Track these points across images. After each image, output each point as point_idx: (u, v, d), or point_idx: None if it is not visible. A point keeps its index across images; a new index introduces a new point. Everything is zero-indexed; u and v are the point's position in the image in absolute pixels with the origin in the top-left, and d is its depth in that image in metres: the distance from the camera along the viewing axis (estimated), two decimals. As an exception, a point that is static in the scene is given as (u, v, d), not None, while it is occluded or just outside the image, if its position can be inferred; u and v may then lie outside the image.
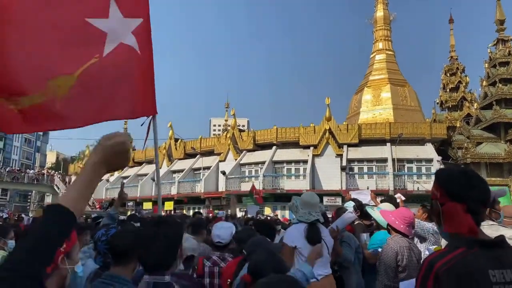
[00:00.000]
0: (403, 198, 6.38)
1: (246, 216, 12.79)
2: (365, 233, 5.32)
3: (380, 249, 4.28)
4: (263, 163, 32.38)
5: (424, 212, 5.36)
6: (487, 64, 35.02)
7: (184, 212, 25.36)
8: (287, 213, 25.66)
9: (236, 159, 34.26)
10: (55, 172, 50.92)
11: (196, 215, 8.64)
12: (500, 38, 35.19)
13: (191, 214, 16.87)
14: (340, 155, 30.35)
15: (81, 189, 1.15)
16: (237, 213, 5.19)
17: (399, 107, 38.17)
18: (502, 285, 1.41)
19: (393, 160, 29.11)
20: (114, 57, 2.60)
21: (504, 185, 26.13)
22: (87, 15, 2.55)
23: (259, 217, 12.24)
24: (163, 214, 20.49)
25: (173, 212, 27.22)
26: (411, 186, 28.27)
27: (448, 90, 41.26)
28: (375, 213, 4.84)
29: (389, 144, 30.41)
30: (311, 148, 31.48)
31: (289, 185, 30.31)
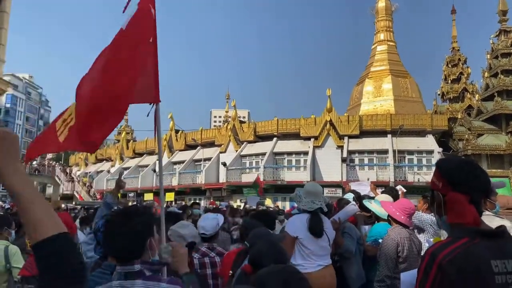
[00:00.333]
0: (404, 190, 6.37)
1: (245, 206, 12.81)
2: (367, 225, 5.32)
3: (380, 240, 4.29)
4: (263, 154, 32.41)
5: (425, 203, 5.36)
6: (489, 55, 34.84)
7: (185, 203, 25.40)
8: (287, 205, 25.76)
9: (236, 151, 34.28)
10: (56, 163, 51.01)
11: (194, 205, 8.66)
12: (502, 29, 34.94)
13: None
14: (341, 147, 30.36)
15: (40, 204, 1.01)
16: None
17: (400, 98, 38.09)
18: (504, 275, 1.41)
19: (394, 151, 29.10)
20: (121, 41, 2.60)
21: (504, 176, 26.17)
22: None
23: (259, 207, 12.27)
24: (164, 205, 20.52)
25: (174, 203, 27.28)
26: (411, 177, 28.32)
27: (449, 81, 41.09)
28: (372, 205, 4.84)
29: (390, 135, 30.39)
30: (312, 139, 31.48)
31: (289, 176, 30.37)
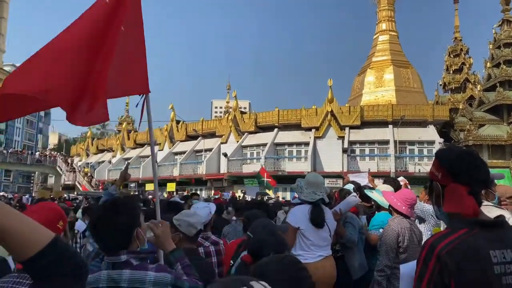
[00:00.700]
0: (406, 181, 6.39)
1: (244, 197, 12.86)
2: (364, 215, 5.34)
3: (381, 230, 4.31)
4: (264, 145, 32.40)
5: (426, 193, 5.36)
6: (491, 45, 34.58)
7: (186, 193, 25.47)
8: (288, 195, 25.80)
9: (237, 141, 34.28)
10: (57, 153, 51.12)
11: (193, 196, 8.67)
12: (505, 18, 34.62)
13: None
14: (342, 137, 30.32)
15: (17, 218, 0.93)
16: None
17: (402, 89, 37.93)
18: (503, 265, 1.42)
19: (395, 142, 29.07)
20: (108, 28, 2.51)
21: (505, 167, 26.16)
22: None
23: (263, 198, 12.34)
24: (165, 195, 20.55)
25: (175, 193, 27.37)
26: (412, 168, 28.33)
27: (451, 71, 40.87)
28: (374, 195, 4.86)
29: (391, 126, 30.34)
30: (313, 130, 31.43)
31: (290, 167, 30.40)
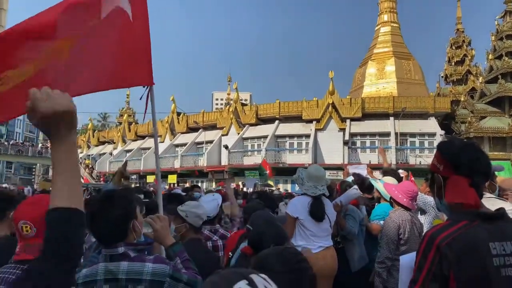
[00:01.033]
0: (406, 173, 6.40)
1: (242, 189, 12.87)
2: (363, 206, 5.35)
3: (381, 222, 4.32)
4: (265, 137, 32.39)
5: (427, 185, 5.36)
6: (493, 36, 34.34)
7: (187, 185, 25.55)
8: (289, 187, 25.87)
9: (238, 133, 34.26)
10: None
11: (194, 188, 8.68)
12: (508, 10, 34.33)
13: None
14: (343, 129, 30.29)
15: (71, 178, 1.06)
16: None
17: (403, 80, 37.76)
18: (502, 257, 1.42)
19: (396, 134, 29.03)
20: (111, 21, 2.48)
21: (506, 159, 26.10)
22: None
23: (267, 190, 12.36)
24: (166, 187, 20.59)
25: (176, 185, 27.44)
26: (413, 160, 28.32)
27: (453, 63, 40.67)
28: (379, 185, 4.86)
29: (392, 118, 30.27)
30: (314, 122, 31.38)
31: (291, 159, 30.41)
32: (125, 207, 1.93)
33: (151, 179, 33.53)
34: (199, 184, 26.33)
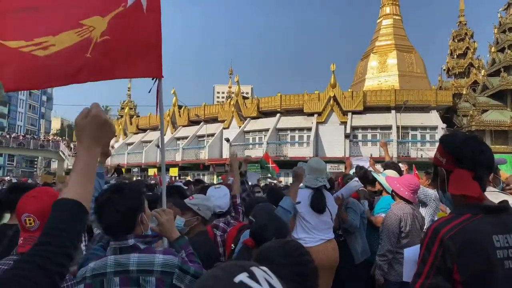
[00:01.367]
0: (407, 166, 6.40)
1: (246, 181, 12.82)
2: (365, 200, 5.35)
3: (383, 215, 4.32)
4: (267, 130, 32.38)
5: (428, 179, 5.38)
6: (496, 29, 34.15)
7: (188, 178, 25.64)
8: (290, 180, 25.88)
9: (240, 126, 34.26)
10: (60, 138, 51.26)
11: (198, 183, 8.67)
12: (511, 2, 34.14)
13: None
14: (344, 123, 30.26)
15: (84, 177, 1.11)
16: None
17: (405, 73, 37.63)
18: (505, 249, 1.43)
19: (398, 127, 29.00)
20: (133, 10, 2.51)
21: (508, 153, 26.08)
22: None
23: (273, 183, 12.36)
24: (168, 180, 20.67)
25: (178, 178, 27.50)
26: (414, 153, 28.31)
27: (455, 56, 40.47)
28: (381, 178, 4.86)
29: (393, 111, 30.21)
30: (315, 115, 31.34)
31: (292, 152, 30.41)
32: (135, 199, 1.93)
33: (152, 172, 33.64)
34: (200, 177, 26.38)
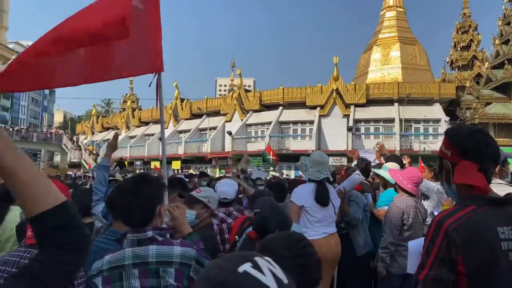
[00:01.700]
0: (409, 159, 6.40)
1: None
2: (368, 193, 5.35)
3: (386, 207, 4.32)
4: (269, 123, 32.35)
5: (430, 171, 5.37)
6: (500, 21, 33.88)
7: (191, 171, 25.68)
8: (292, 173, 25.92)
9: (242, 120, 34.23)
10: (62, 131, 51.41)
11: (202, 176, 8.69)
12: (516, -6, 33.85)
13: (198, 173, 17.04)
14: (347, 116, 30.19)
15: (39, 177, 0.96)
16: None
17: (408, 66, 37.46)
18: (510, 241, 1.43)
19: (400, 120, 28.92)
20: (136, 10, 2.51)
21: (511, 146, 26.00)
22: None
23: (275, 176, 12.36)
24: (170, 173, 20.67)
25: (180, 171, 27.58)
26: (417, 146, 28.25)
27: (459, 48, 40.24)
28: (383, 172, 4.86)
29: (396, 104, 30.11)
30: (318, 108, 31.27)
31: (295, 145, 30.41)
32: (157, 190, 1.93)
33: (157, 164, 33.73)
34: (203, 170, 26.42)
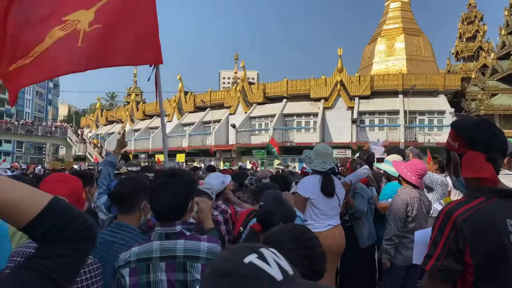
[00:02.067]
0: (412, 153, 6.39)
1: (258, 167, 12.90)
2: (373, 187, 5.36)
3: (389, 200, 4.33)
4: (273, 116, 32.31)
5: (434, 163, 5.35)
6: (506, 11, 33.51)
7: (195, 164, 25.74)
8: (296, 166, 25.92)
9: (246, 112, 34.21)
10: (67, 124, 51.62)
11: (210, 169, 8.68)
12: (522, -17, 33.41)
13: (202, 166, 17.10)
14: (351, 108, 30.08)
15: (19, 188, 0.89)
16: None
17: (413, 57, 37.19)
18: None
19: (405, 112, 28.79)
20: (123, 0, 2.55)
21: (517, 137, 25.83)
22: None
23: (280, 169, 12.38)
24: (175, 166, 20.77)
25: (184, 164, 27.64)
26: (422, 138, 28.15)
27: (464, 39, 39.91)
28: (385, 165, 4.86)
29: (401, 96, 29.96)
30: (322, 100, 31.17)
31: (299, 138, 30.37)
32: (190, 184, 1.94)
33: (161, 158, 33.82)
34: (206, 162, 26.45)
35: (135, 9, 2.63)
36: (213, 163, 31.53)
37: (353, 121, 29.32)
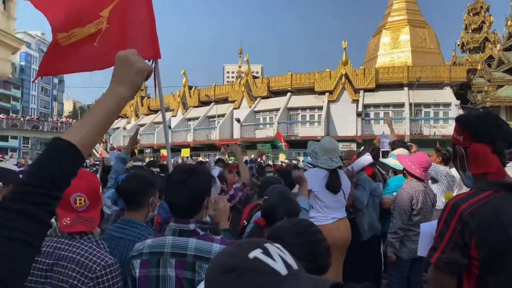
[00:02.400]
0: (417, 147, 6.39)
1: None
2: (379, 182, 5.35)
3: (394, 194, 4.32)
4: (277, 110, 32.24)
5: (438, 156, 5.33)
6: (513, 2, 33.20)
7: (200, 158, 25.80)
8: (301, 159, 25.90)
9: (250, 106, 34.17)
10: (72, 120, 51.85)
11: (219, 162, 8.66)
12: (529, -27, 33.02)
13: (208, 160, 17.11)
14: (356, 101, 29.94)
15: (98, 125, 1.00)
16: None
17: (418, 49, 36.89)
18: None
19: (410, 104, 28.63)
20: None
21: (523, 129, 25.61)
22: None
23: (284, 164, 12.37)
24: (180, 161, 20.74)
25: (189, 158, 27.71)
26: (427, 131, 28.01)
27: (470, 30, 39.54)
28: (390, 160, 4.85)
29: (406, 88, 29.76)
30: (327, 94, 31.06)
31: (303, 131, 30.30)
32: (207, 181, 1.93)
33: (165, 152, 33.87)
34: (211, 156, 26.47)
35: (134, 6, 2.65)
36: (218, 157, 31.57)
37: (358, 114, 29.20)
